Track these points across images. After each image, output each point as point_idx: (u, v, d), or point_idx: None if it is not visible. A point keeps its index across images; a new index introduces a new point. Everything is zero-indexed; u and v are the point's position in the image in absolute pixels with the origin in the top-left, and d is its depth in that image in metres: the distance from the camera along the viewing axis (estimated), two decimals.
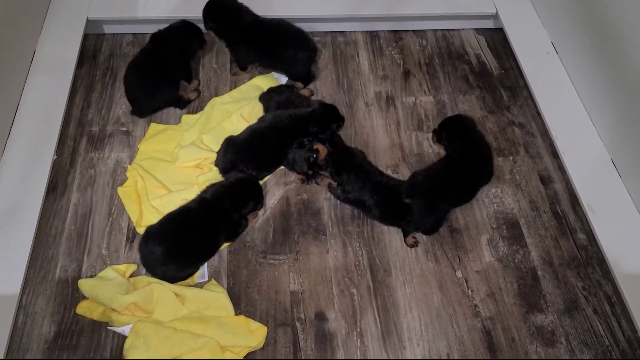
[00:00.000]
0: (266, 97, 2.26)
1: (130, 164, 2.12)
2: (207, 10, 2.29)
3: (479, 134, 2.06)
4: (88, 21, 2.43)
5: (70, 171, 2.10)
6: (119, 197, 2.05)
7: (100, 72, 2.42)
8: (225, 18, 2.28)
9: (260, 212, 2.03)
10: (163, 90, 2.24)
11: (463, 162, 1.96)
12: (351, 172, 1.96)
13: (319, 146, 2.08)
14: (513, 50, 2.43)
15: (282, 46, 2.29)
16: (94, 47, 2.51)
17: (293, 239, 1.98)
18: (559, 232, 2.02)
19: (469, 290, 1.88)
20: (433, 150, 2.22)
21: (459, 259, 1.95)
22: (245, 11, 2.30)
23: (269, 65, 2.41)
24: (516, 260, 1.95)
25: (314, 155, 2.03)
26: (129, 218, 2.00)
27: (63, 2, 2.46)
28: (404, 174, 2.14)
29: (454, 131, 2.02)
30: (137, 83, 2.25)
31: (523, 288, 1.89)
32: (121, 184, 2.07)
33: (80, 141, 2.19)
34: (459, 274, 1.91)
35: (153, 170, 2.09)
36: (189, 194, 1.98)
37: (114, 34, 2.56)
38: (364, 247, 1.97)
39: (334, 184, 2.03)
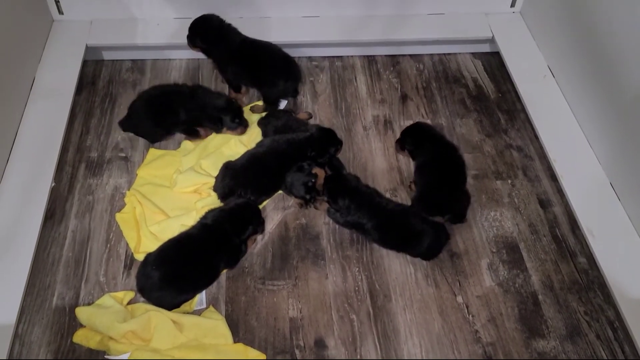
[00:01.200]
0: (264, 122, 2.27)
1: (129, 190, 2.11)
2: (196, 31, 2.29)
3: (440, 133, 2.14)
4: (87, 48, 2.44)
5: (68, 198, 2.10)
6: (117, 223, 2.04)
7: (99, 98, 2.43)
8: (216, 38, 2.29)
9: (259, 237, 2.02)
10: (152, 128, 2.24)
11: (446, 158, 2.04)
12: (346, 196, 1.96)
13: (318, 170, 2.08)
14: (510, 74, 2.44)
15: (266, 70, 2.30)
16: (93, 73, 2.53)
17: (292, 264, 1.96)
18: (559, 255, 2.01)
19: (470, 316, 1.86)
20: None
21: (459, 284, 1.93)
22: (234, 32, 2.32)
23: (252, 86, 2.43)
24: (517, 285, 1.93)
25: (312, 180, 2.03)
26: (127, 245, 1.99)
27: (63, 29, 2.48)
28: (402, 198, 2.14)
29: (418, 134, 2.10)
30: (142, 108, 2.22)
31: (524, 313, 1.87)
32: (119, 210, 2.07)
33: (78, 167, 2.19)
34: (459, 299, 1.90)
35: (151, 196, 2.09)
36: (188, 220, 1.98)
37: (113, 60, 2.58)
38: (364, 272, 1.95)
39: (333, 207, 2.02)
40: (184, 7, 2.49)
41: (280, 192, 2.13)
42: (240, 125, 2.24)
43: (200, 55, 2.40)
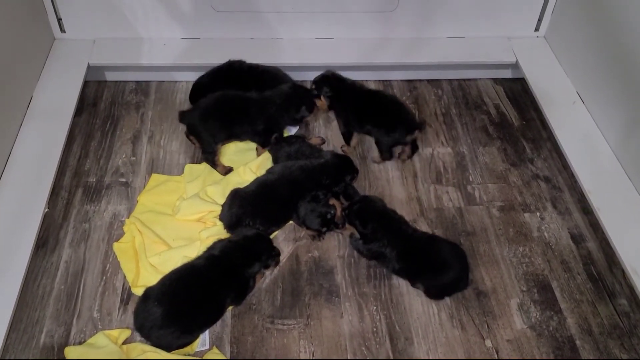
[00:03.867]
0: (275, 148, 2.13)
1: (128, 218, 1.97)
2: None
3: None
4: (89, 67, 2.32)
5: (62, 225, 1.95)
6: (114, 253, 1.88)
7: (100, 121, 2.31)
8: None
9: (268, 272, 1.86)
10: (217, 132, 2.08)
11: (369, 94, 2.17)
12: (375, 220, 1.82)
13: (335, 202, 1.94)
14: (536, 100, 2.30)
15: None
16: (94, 94, 2.41)
17: (303, 302, 1.80)
18: (596, 296, 1.83)
19: None
20: (453, 205, 2.07)
21: (488, 326, 1.76)
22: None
23: None
24: (551, 328, 1.76)
25: (331, 212, 1.88)
26: (125, 277, 1.83)
27: (64, 47, 2.36)
28: (423, 230, 1.97)
29: (333, 81, 2.15)
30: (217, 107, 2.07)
31: None
32: (117, 240, 1.91)
33: (75, 192, 2.05)
34: (488, 342, 1.72)
35: (152, 225, 1.94)
36: (191, 251, 1.83)
37: (116, 81, 2.46)
38: (382, 311, 1.78)
39: (357, 235, 1.86)
40: (192, 27, 2.39)
41: (291, 222, 1.98)
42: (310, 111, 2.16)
43: None
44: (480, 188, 2.13)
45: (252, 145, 2.19)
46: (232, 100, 2.08)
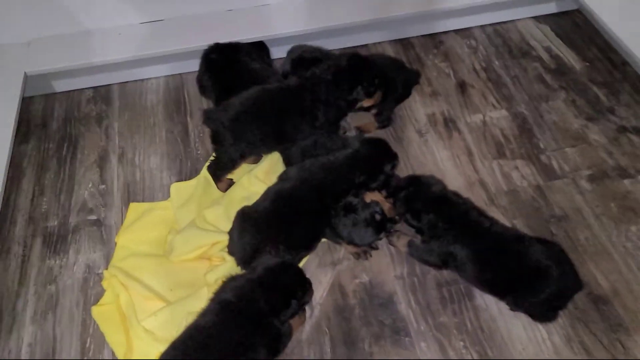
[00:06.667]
0: (285, 145, 1.66)
1: (107, 269, 1.58)
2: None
3: None
4: (27, 78, 1.87)
5: (20, 292, 1.56)
6: (94, 321, 1.50)
7: (54, 145, 1.92)
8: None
9: (306, 314, 1.38)
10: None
11: None
12: (430, 209, 1.40)
13: (374, 196, 1.54)
14: (604, 32, 1.82)
15: None
16: (42, 111, 2.03)
17: (363, 350, 1.39)
18: None
19: None
20: (529, 183, 1.63)
21: (622, 345, 1.32)
22: None
23: None
24: None
25: (378, 210, 1.46)
26: (113, 353, 1.43)
27: None
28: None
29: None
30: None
31: None
32: (96, 302, 1.53)
33: (32, 245, 1.67)
34: None
35: (140, 273, 1.56)
36: (197, 303, 1.41)
37: (68, 91, 2.07)
38: (472, 347, 1.36)
39: (416, 240, 1.45)
40: (151, 7, 1.95)
41: (324, 240, 1.53)
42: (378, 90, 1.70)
43: (183, 68, 1.96)
44: (557, 155, 1.73)
45: None
46: (276, 95, 1.64)
